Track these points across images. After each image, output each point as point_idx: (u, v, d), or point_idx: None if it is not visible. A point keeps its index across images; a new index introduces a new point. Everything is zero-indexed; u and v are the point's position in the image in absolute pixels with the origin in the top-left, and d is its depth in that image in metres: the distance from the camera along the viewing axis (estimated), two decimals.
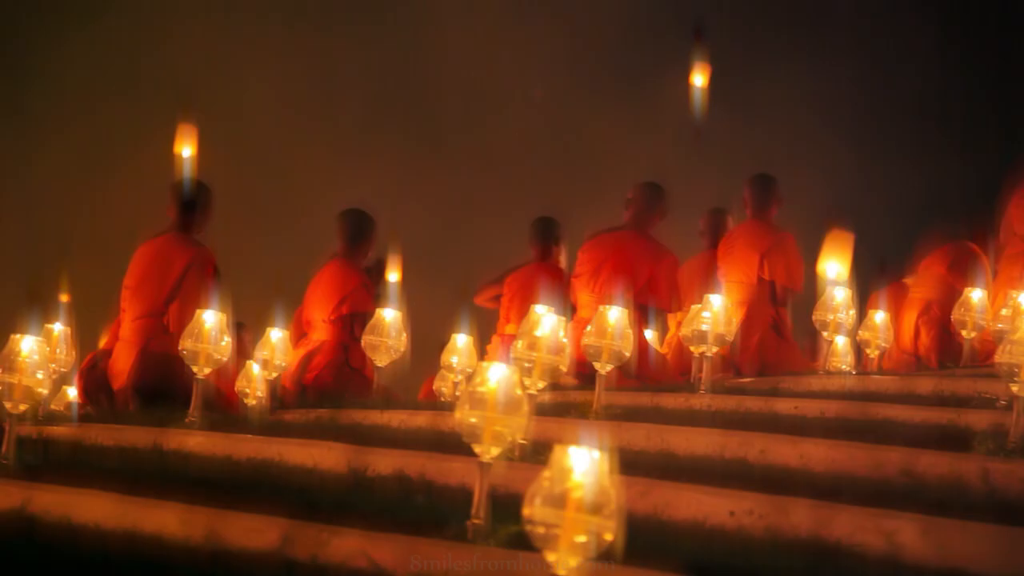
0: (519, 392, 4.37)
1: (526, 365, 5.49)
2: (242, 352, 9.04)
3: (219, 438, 6.06)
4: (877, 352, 8.47)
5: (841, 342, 9.63)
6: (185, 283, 8.04)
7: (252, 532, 4.51)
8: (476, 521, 4.38)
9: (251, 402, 8.16)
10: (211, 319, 6.53)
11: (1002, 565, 4.24)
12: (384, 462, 5.49)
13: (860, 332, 8.50)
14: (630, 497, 4.95)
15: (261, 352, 7.66)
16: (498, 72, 14.84)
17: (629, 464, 5.35)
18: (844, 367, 9.26)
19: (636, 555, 4.19)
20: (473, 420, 4.34)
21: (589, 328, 6.36)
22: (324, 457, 5.60)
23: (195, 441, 6.10)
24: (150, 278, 8.14)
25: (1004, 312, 7.04)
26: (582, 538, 3.34)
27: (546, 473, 3.41)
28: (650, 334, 10.38)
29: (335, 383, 8.68)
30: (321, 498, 5.04)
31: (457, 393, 6.89)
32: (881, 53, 14.34)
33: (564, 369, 5.64)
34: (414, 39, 15.28)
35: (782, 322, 9.11)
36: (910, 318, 9.67)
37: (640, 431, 5.77)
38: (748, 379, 8.04)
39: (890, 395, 6.69)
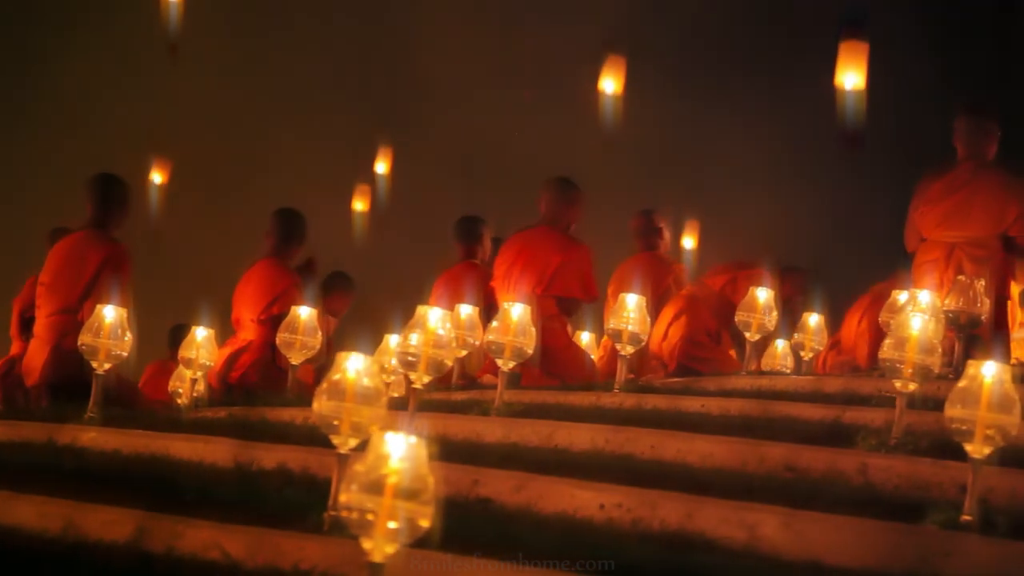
0: (378, 384, 4.34)
1: (410, 359, 5.46)
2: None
3: (111, 434, 6.03)
4: (811, 355, 8.43)
5: (780, 345, 9.64)
6: (100, 280, 7.95)
7: (108, 524, 4.49)
8: (333, 513, 4.35)
9: (183, 401, 8.11)
10: (111, 314, 6.49)
11: (858, 555, 4.24)
12: (269, 456, 5.46)
13: (795, 335, 8.48)
14: (505, 490, 4.95)
15: (186, 351, 7.61)
16: (464, 70, 14.76)
17: (513, 459, 5.35)
18: (785, 370, 9.25)
19: (499, 546, 4.19)
20: (330, 411, 4.31)
21: (493, 324, 6.34)
22: (209, 451, 5.57)
23: (88, 436, 6.05)
24: (65, 275, 8.06)
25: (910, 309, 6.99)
26: (394, 524, 3.30)
27: (363, 459, 3.38)
28: (587, 336, 10.36)
29: (261, 382, 8.61)
30: (195, 490, 5.00)
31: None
32: (880, 59, 14.28)
33: (449, 364, 5.61)
34: (378, 30, 15.23)
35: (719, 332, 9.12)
36: (852, 319, 9.64)
37: (528, 427, 5.74)
38: (676, 379, 8.00)
39: (798, 394, 6.67)
